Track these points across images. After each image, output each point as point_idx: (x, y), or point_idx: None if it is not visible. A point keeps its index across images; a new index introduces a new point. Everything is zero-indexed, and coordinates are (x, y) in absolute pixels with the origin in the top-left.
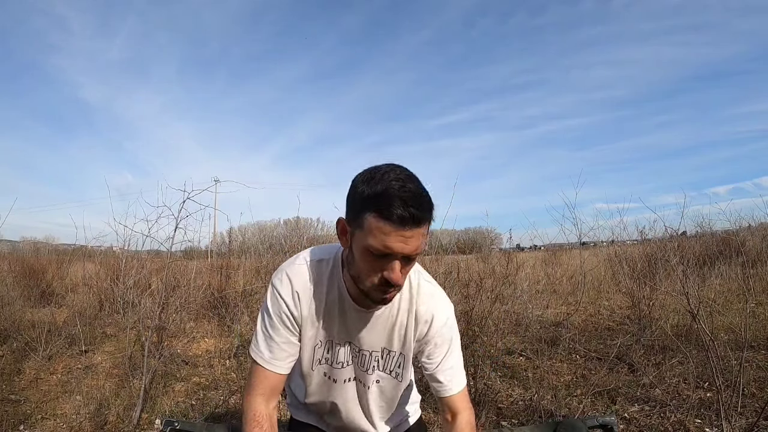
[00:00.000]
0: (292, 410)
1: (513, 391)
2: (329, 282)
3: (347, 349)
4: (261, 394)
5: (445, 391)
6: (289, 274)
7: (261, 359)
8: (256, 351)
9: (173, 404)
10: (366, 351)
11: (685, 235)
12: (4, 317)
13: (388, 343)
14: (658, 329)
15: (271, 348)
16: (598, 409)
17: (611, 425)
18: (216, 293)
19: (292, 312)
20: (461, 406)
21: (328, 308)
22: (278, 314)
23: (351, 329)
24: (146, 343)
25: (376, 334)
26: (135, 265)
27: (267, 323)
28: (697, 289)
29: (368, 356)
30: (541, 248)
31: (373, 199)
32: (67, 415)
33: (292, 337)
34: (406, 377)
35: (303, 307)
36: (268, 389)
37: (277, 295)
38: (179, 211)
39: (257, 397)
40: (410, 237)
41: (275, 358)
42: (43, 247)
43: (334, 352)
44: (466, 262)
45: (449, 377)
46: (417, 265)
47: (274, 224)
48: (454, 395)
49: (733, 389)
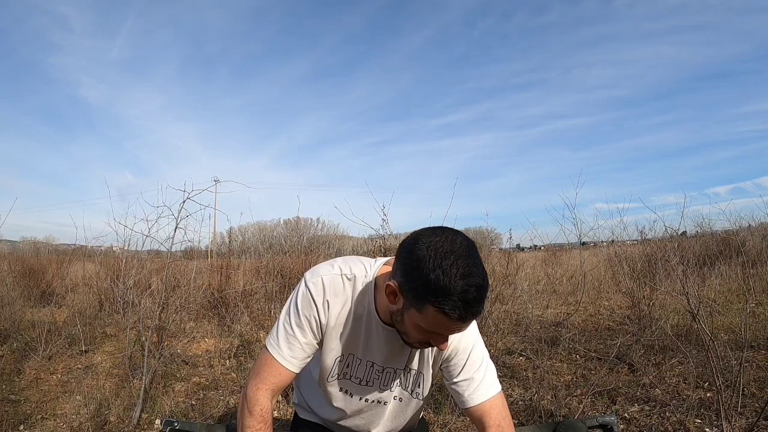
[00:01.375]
0: (298, 409)
1: (513, 391)
2: (360, 298)
3: (367, 366)
4: (270, 388)
5: (463, 402)
6: (324, 281)
7: (279, 354)
8: (275, 345)
9: (173, 404)
10: (389, 369)
11: (685, 235)
12: (4, 317)
13: (409, 361)
14: (658, 329)
15: (291, 346)
16: (598, 409)
17: (612, 425)
18: (216, 293)
19: (320, 318)
20: (488, 422)
21: (354, 324)
22: (307, 316)
23: (373, 346)
24: (146, 343)
25: (398, 353)
26: (135, 265)
27: (293, 320)
28: (697, 289)
29: (391, 374)
30: (541, 248)
31: (439, 294)
32: (67, 415)
33: (314, 340)
34: (424, 395)
35: (331, 317)
36: (277, 385)
37: (310, 297)
38: (179, 211)
39: (266, 390)
40: (465, 326)
41: (293, 356)
42: (43, 247)
43: (354, 367)
44: None
45: (464, 388)
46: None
47: (274, 224)
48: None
49: (733, 389)
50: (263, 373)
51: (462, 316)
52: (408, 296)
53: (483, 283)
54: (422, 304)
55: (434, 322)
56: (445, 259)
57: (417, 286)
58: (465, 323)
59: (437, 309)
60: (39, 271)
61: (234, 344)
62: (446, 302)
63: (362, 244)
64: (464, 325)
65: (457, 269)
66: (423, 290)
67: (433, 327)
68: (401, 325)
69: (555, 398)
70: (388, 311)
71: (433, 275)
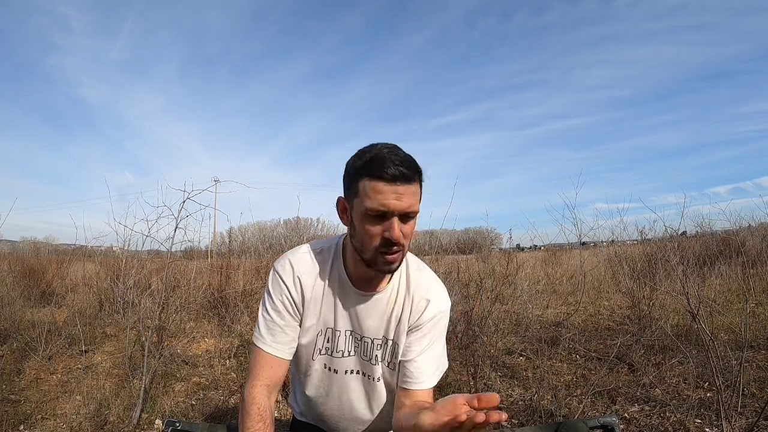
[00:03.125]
0: (295, 411)
1: (513, 391)
2: (331, 269)
3: (348, 337)
4: (264, 384)
5: (408, 384)
6: (291, 260)
7: (263, 343)
8: (259, 337)
9: (173, 404)
10: (367, 338)
11: (685, 235)
12: (4, 317)
13: (386, 331)
14: (658, 329)
15: (273, 332)
16: (598, 409)
17: (612, 425)
18: (216, 293)
19: (294, 297)
20: (419, 405)
21: (328, 295)
22: (280, 298)
23: (351, 315)
24: (146, 343)
25: (376, 321)
26: (135, 265)
27: (269, 307)
28: (697, 289)
29: (369, 344)
30: (541, 248)
31: (366, 165)
32: (67, 415)
33: (293, 321)
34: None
35: (305, 292)
36: (270, 378)
37: (279, 280)
38: (179, 211)
39: (261, 387)
40: (403, 194)
41: (277, 341)
42: (43, 247)
43: (335, 340)
44: (466, 262)
45: (419, 371)
46: (420, 261)
47: (274, 224)
48: (417, 390)
49: (733, 389)
50: (254, 369)
51: (393, 174)
52: (348, 195)
53: (407, 154)
54: (357, 186)
55: (372, 193)
56: (366, 147)
57: (349, 177)
58: (398, 184)
59: (368, 177)
60: (39, 271)
61: (234, 344)
62: (374, 166)
63: None
64: (399, 187)
65: (378, 145)
66: (354, 175)
67: (375, 201)
68: (356, 239)
69: (555, 398)
70: (358, 273)
71: (357, 159)
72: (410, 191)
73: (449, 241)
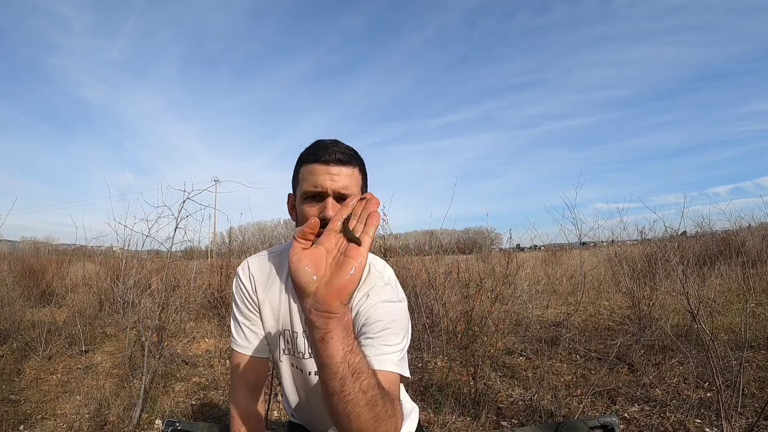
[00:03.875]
0: (288, 413)
1: (513, 391)
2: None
3: (304, 337)
4: (243, 386)
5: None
6: (249, 262)
7: (236, 345)
8: (233, 341)
9: (173, 404)
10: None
11: (685, 235)
12: (4, 317)
13: None
14: (658, 329)
15: (240, 332)
16: (598, 409)
17: (612, 426)
18: (216, 293)
19: (251, 295)
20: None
21: (284, 296)
22: (241, 298)
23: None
24: (146, 343)
25: None
26: (135, 265)
27: (235, 311)
28: (697, 289)
29: None
30: (541, 248)
31: (305, 152)
32: (67, 415)
33: (258, 319)
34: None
35: (259, 291)
36: (248, 379)
37: (239, 282)
38: (179, 211)
39: (240, 390)
40: (337, 174)
41: (247, 341)
42: (43, 247)
43: (294, 341)
44: (466, 262)
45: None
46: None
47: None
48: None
49: (733, 389)
50: (233, 374)
51: (327, 158)
52: (293, 187)
53: (346, 144)
54: (298, 174)
55: (308, 175)
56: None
57: (294, 170)
58: (332, 165)
59: (305, 162)
60: (39, 271)
61: None
62: (310, 152)
63: None
64: (332, 168)
65: (320, 139)
66: (296, 166)
67: (310, 183)
68: (298, 225)
69: (555, 398)
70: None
71: (302, 152)
72: (345, 173)
73: (449, 241)
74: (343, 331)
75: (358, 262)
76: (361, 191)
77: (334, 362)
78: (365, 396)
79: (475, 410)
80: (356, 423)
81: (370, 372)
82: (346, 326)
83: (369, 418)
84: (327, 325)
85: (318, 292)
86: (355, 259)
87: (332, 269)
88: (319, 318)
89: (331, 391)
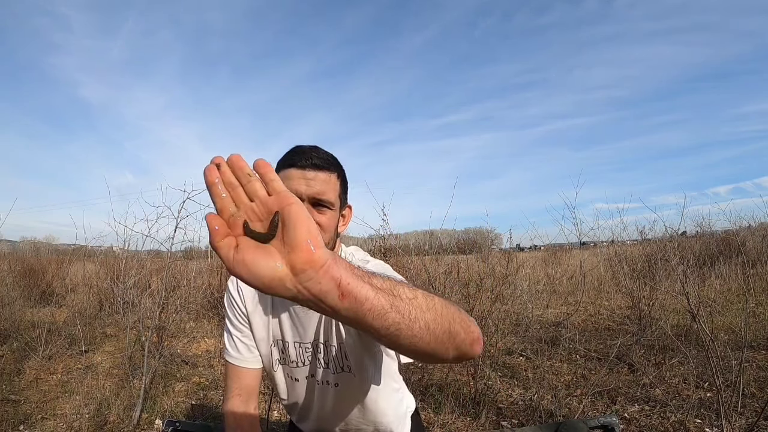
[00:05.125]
0: (289, 416)
1: (513, 391)
2: None
3: (297, 348)
4: (236, 395)
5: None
6: None
7: (228, 356)
8: (226, 352)
9: (173, 404)
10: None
11: (685, 235)
12: (4, 317)
13: (325, 335)
14: (658, 329)
15: (233, 344)
16: (598, 409)
17: (613, 426)
18: (216, 293)
19: (240, 308)
20: None
21: (275, 306)
22: (231, 310)
23: (295, 324)
24: (146, 343)
25: (314, 327)
26: (135, 265)
27: (227, 322)
28: (697, 289)
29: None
30: (541, 248)
31: (282, 158)
32: (67, 415)
33: (248, 330)
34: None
35: (247, 302)
36: (241, 388)
37: (228, 293)
38: (179, 211)
39: (234, 399)
40: (312, 179)
41: (239, 352)
42: (43, 247)
43: (287, 351)
44: (466, 262)
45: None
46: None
47: None
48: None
49: (733, 389)
50: (227, 383)
51: (302, 164)
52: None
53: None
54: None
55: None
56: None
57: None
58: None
59: (282, 168)
60: (39, 271)
61: None
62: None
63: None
64: (308, 173)
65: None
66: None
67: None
68: None
69: (555, 398)
70: None
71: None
72: (321, 179)
73: (449, 241)
74: (348, 270)
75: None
76: (340, 199)
77: (372, 300)
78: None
79: (475, 410)
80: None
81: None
82: (346, 266)
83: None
84: (332, 278)
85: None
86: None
87: (279, 238)
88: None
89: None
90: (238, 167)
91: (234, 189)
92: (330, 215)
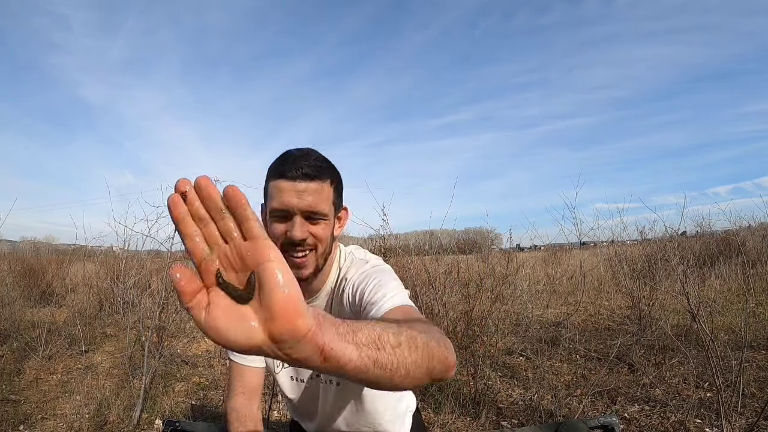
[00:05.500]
0: (291, 414)
1: (513, 391)
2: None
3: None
4: (240, 393)
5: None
6: None
7: (234, 356)
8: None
9: (173, 404)
10: None
11: (685, 235)
12: (4, 317)
13: None
14: (658, 329)
15: None
16: (598, 409)
17: (613, 426)
18: None
19: None
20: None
21: None
22: None
23: None
24: (146, 343)
25: None
26: (135, 265)
27: None
28: (697, 289)
29: None
30: (541, 248)
31: (273, 166)
32: (67, 415)
33: None
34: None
35: None
36: (245, 386)
37: None
38: None
39: (238, 396)
40: (304, 191)
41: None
42: (43, 247)
43: None
44: (466, 262)
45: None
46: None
47: None
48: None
49: (733, 389)
50: (231, 382)
51: (291, 168)
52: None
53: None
54: (267, 189)
55: (276, 191)
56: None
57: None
58: (299, 181)
59: (273, 177)
60: (39, 271)
61: None
62: (276, 166)
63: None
64: (299, 184)
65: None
66: (266, 180)
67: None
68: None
69: (555, 398)
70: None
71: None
72: (313, 189)
73: (449, 241)
74: (332, 330)
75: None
76: (334, 205)
77: (355, 361)
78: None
79: (475, 410)
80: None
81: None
82: (330, 326)
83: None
84: (315, 345)
85: (272, 335)
86: (266, 260)
87: (257, 298)
88: (301, 350)
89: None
90: (207, 197)
91: (205, 225)
92: (324, 225)
